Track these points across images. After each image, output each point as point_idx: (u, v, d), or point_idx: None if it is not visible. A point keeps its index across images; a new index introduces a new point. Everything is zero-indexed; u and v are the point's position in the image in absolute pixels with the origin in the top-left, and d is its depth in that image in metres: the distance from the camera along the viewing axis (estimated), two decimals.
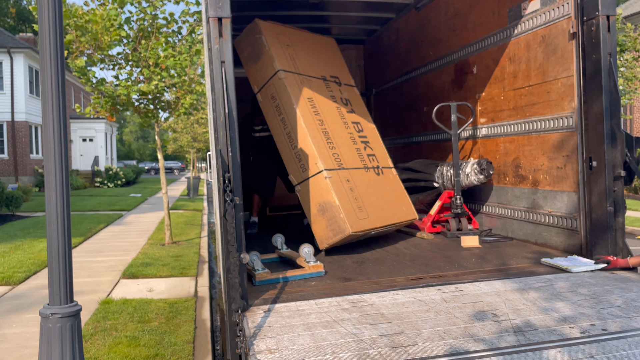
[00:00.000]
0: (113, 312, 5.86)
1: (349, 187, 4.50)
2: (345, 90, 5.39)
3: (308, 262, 3.79)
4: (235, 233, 2.91)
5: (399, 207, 4.98)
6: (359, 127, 5.18)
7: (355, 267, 4.01)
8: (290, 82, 4.69)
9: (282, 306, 3.03)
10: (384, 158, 5.30)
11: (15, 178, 23.40)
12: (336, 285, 3.48)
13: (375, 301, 3.06)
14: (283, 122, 4.72)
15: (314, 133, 4.56)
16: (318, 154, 4.47)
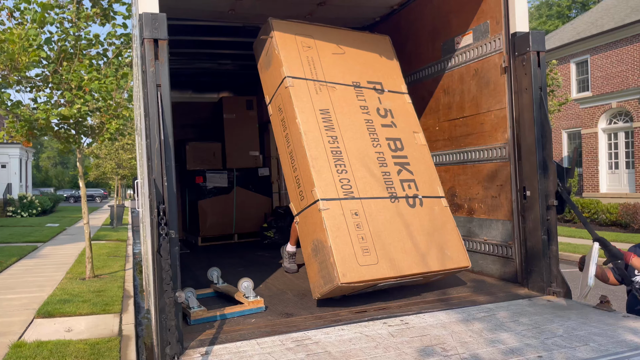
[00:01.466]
0: (25, 357, 5.30)
1: (355, 222, 3.63)
2: (389, 99, 4.41)
3: (247, 297, 3.59)
4: (170, 270, 2.69)
5: (441, 250, 3.84)
6: (396, 144, 4.18)
7: (297, 301, 3.85)
8: (298, 90, 3.99)
9: (221, 348, 2.81)
10: (430, 185, 4.15)
11: None
12: (278, 322, 3.30)
13: (320, 338, 2.91)
14: (287, 139, 4.03)
15: (316, 152, 3.80)
16: (316, 178, 3.69)
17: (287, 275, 4.88)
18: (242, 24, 6.18)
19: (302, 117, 3.88)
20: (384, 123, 4.25)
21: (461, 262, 3.89)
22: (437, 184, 4.21)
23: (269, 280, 4.66)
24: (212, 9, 5.24)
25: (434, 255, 3.78)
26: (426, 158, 4.31)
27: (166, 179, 2.88)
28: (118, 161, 22.37)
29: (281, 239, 6.64)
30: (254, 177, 7.90)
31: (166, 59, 3.01)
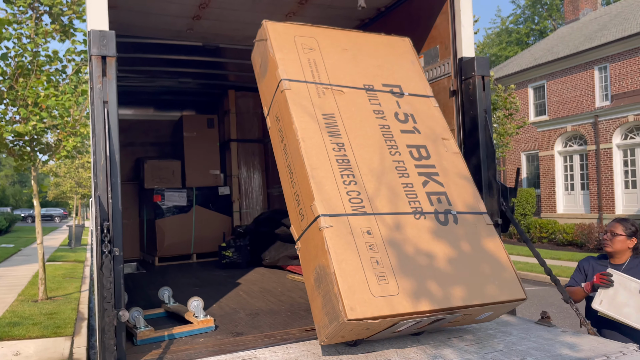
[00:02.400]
0: None
1: (367, 242, 2.88)
2: (410, 103, 3.76)
3: (197, 316, 3.56)
4: (112, 288, 2.64)
5: (485, 278, 3.02)
6: (420, 152, 3.50)
7: (248, 320, 3.83)
8: (296, 93, 3.41)
9: None
10: (467, 199, 3.38)
11: None
12: (227, 341, 3.28)
13: (267, 357, 2.90)
14: (285, 151, 3.41)
15: (316, 161, 3.11)
16: (317, 191, 2.98)
17: (241, 294, 4.85)
18: (202, 43, 6.22)
19: (300, 122, 3.25)
20: (404, 129, 3.56)
21: (514, 294, 3.04)
22: (477, 199, 3.45)
23: (222, 299, 4.62)
24: (169, 27, 5.26)
25: (476, 285, 2.97)
26: (460, 168, 3.55)
27: (111, 196, 2.85)
28: (78, 180, 21.84)
29: (240, 258, 6.61)
30: (214, 196, 7.85)
31: (114, 76, 3.01)
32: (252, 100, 8.61)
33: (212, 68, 7.52)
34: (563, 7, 28.80)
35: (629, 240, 3.48)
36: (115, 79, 3.01)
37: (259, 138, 8.63)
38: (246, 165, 8.46)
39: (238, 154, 8.41)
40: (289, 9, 4.90)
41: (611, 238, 3.51)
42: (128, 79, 7.75)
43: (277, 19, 5.11)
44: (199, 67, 7.36)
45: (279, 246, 6.32)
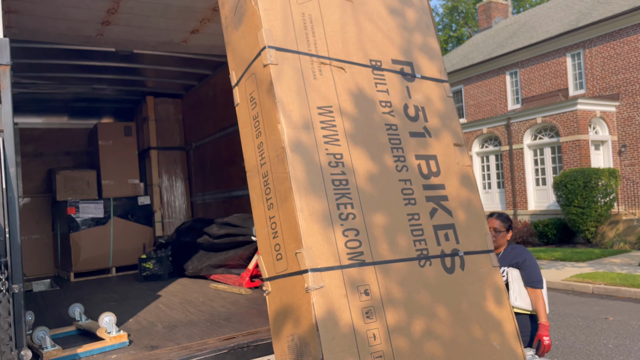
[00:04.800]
0: None
1: (364, 308, 2.29)
2: (422, 90, 2.94)
3: (109, 332, 3.43)
4: (11, 328, 2.48)
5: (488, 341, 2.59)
6: (429, 166, 2.79)
7: (165, 333, 3.74)
8: (284, 72, 2.51)
9: None
10: (474, 232, 2.82)
11: None
12: (141, 356, 3.18)
13: None
14: (260, 151, 2.60)
15: (308, 186, 2.36)
16: (306, 232, 2.27)
17: (160, 307, 4.72)
18: (114, 49, 6.01)
19: (289, 120, 2.44)
20: (414, 130, 2.81)
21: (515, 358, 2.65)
22: (484, 230, 2.85)
23: (140, 313, 4.48)
24: (77, 33, 5.05)
25: (478, 352, 2.54)
26: (470, 187, 2.89)
27: (8, 223, 2.67)
28: None
29: (161, 269, 6.43)
30: (133, 206, 7.58)
31: (9, 85, 2.85)
32: (173, 106, 8.41)
33: (128, 74, 7.29)
34: (477, 15, 30.40)
35: (508, 233, 3.79)
36: (9, 88, 2.85)
37: (180, 145, 8.44)
38: (167, 173, 8.25)
39: (159, 162, 8.19)
40: (202, 16, 4.85)
41: (495, 235, 3.77)
42: (37, 86, 7.35)
43: (192, 25, 5.06)
44: (114, 73, 7.11)
45: (201, 255, 6.21)
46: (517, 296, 3.64)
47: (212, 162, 7.68)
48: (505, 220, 3.82)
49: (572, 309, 8.45)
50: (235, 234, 5.84)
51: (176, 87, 8.21)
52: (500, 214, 3.87)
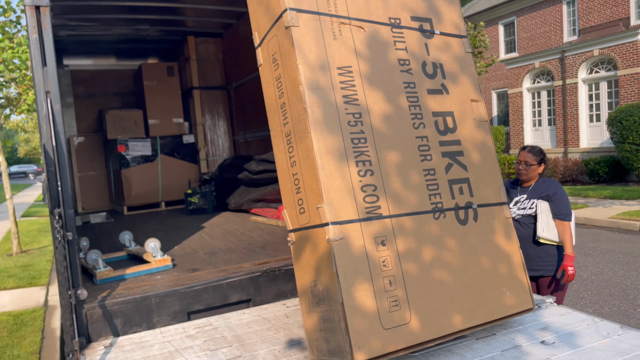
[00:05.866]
0: None
1: (381, 257, 2.44)
2: (439, 47, 2.99)
3: (155, 256, 3.76)
4: (67, 272, 2.78)
5: (499, 289, 2.73)
6: (446, 122, 2.88)
7: (206, 258, 4.06)
8: (305, 34, 2.59)
9: (125, 339, 2.97)
10: (488, 184, 2.91)
11: None
12: (182, 277, 3.50)
13: (221, 324, 3.11)
14: (283, 111, 2.70)
15: (328, 143, 2.48)
16: (326, 188, 2.41)
17: (203, 236, 5.06)
18: None
19: (310, 81, 2.51)
20: (432, 88, 2.86)
21: (523, 304, 2.76)
22: (499, 184, 2.92)
23: (185, 242, 4.83)
24: None
25: (490, 299, 2.65)
26: (486, 142, 2.96)
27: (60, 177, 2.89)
28: None
29: (205, 204, 6.79)
30: (178, 144, 7.92)
31: (49, 25, 3.04)
32: (213, 46, 8.53)
33: (169, 14, 7.40)
34: None
35: (539, 167, 3.79)
36: (50, 28, 3.04)
37: (222, 85, 8.61)
38: (210, 112, 8.49)
39: (201, 102, 8.42)
40: None
41: (526, 168, 3.78)
42: (83, 28, 7.59)
43: None
44: (156, 13, 7.23)
45: (242, 191, 6.50)
46: (545, 227, 3.69)
47: (252, 101, 7.83)
48: (537, 154, 3.81)
49: (614, 246, 8.35)
50: (273, 170, 6.07)
51: (216, 26, 8.27)
52: (533, 147, 3.86)
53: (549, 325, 2.82)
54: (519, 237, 3.71)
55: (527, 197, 3.78)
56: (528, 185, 3.85)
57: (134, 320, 3.10)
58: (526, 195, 3.79)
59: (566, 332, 2.70)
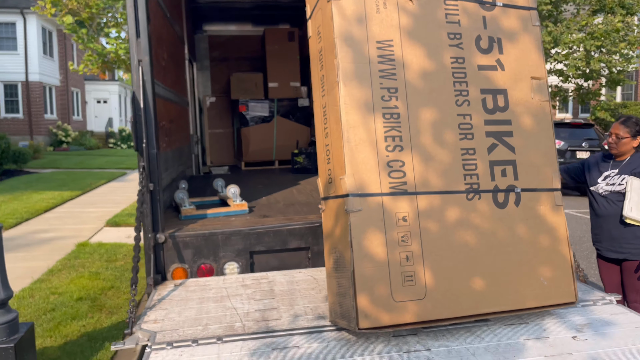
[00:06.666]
0: (86, 253, 6.33)
1: (400, 233, 2.44)
2: (500, 20, 2.81)
3: (234, 201, 4.13)
4: (150, 217, 3.27)
5: (534, 277, 2.58)
6: (496, 101, 2.72)
7: (282, 208, 4.33)
8: (346, 8, 2.56)
9: (193, 281, 3.35)
10: (539, 169, 2.72)
11: (30, 137, 24.17)
12: (252, 220, 3.81)
13: (275, 279, 3.34)
14: (322, 84, 2.74)
15: (357, 117, 2.48)
16: (349, 161, 2.45)
17: (293, 191, 5.35)
18: None
19: (345, 55, 2.51)
20: (484, 64, 2.73)
21: (563, 297, 2.60)
22: (553, 169, 2.73)
23: (274, 194, 5.16)
24: None
25: (522, 287, 2.55)
26: (543, 123, 2.76)
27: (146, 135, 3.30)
28: None
29: (310, 164, 7.10)
30: (294, 107, 8.31)
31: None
32: None
33: None
34: None
35: (634, 140, 3.36)
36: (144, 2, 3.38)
37: None
38: None
39: None
40: None
41: (616, 141, 3.38)
42: None
43: None
44: None
45: None
46: (634, 207, 3.31)
47: None
48: (631, 125, 3.40)
49: None
50: None
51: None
52: (628, 118, 3.44)
53: (593, 321, 2.57)
54: (604, 215, 3.41)
55: (618, 172, 3.41)
56: (622, 159, 3.46)
57: (203, 252, 3.48)
58: (617, 170, 3.42)
59: (607, 332, 2.45)
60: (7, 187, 11.82)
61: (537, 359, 2.20)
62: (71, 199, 10.76)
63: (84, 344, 3.76)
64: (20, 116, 24.59)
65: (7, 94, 24.37)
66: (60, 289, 4.93)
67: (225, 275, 3.50)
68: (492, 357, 2.22)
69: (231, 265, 3.52)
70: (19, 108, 24.62)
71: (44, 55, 25.34)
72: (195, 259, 3.47)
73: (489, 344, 2.35)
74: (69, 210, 9.55)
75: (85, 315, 4.29)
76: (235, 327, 2.60)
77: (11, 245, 6.78)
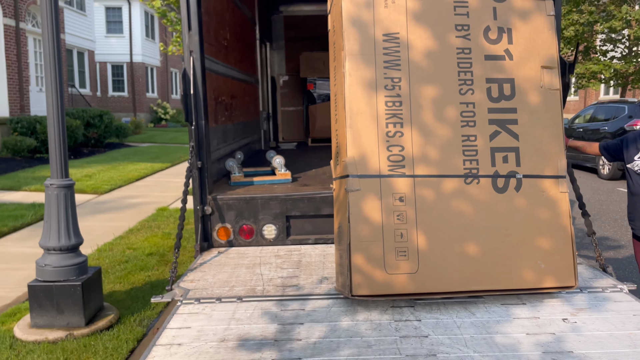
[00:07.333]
0: (163, 217, 7.03)
1: (396, 212, 2.60)
2: (511, 10, 2.84)
3: (279, 170, 4.47)
4: (199, 191, 3.69)
5: (531, 259, 2.64)
6: (502, 89, 2.78)
7: (324, 179, 4.58)
8: (355, 4, 2.75)
9: (234, 250, 3.71)
10: (544, 157, 2.75)
11: (134, 114, 26.30)
12: (291, 188, 4.12)
13: (307, 252, 3.60)
14: (335, 74, 2.95)
15: (360, 105, 2.67)
16: (351, 144, 2.65)
17: None
18: None
19: (351, 47, 2.69)
20: (490, 53, 2.78)
21: (562, 280, 2.64)
22: (559, 156, 2.75)
23: (325, 167, 5.44)
24: None
25: (516, 267, 2.62)
26: (552, 112, 2.78)
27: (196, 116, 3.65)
28: None
29: None
30: None
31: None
32: None
33: None
34: None
35: None
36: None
37: None
38: None
39: None
40: None
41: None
42: None
43: None
44: None
45: None
46: None
47: None
48: None
49: None
50: None
51: None
52: None
53: (591, 307, 2.56)
54: (637, 193, 3.34)
55: None
56: None
57: (244, 214, 3.85)
58: None
59: (600, 317, 2.45)
60: (108, 158, 13.14)
61: (517, 335, 2.27)
62: (161, 170, 11.77)
63: (146, 291, 4.32)
64: (125, 94, 26.78)
65: (114, 74, 26.61)
66: (135, 245, 5.60)
67: (264, 235, 3.85)
68: (475, 330, 2.33)
69: (269, 227, 3.86)
70: (124, 87, 26.82)
71: (146, 38, 27.28)
72: (238, 220, 3.85)
73: (478, 320, 2.44)
74: (157, 180, 10.49)
75: (152, 267, 4.88)
76: (256, 290, 2.90)
77: (103, 207, 7.68)
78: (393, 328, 2.39)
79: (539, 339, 2.24)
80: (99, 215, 7.14)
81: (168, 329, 2.46)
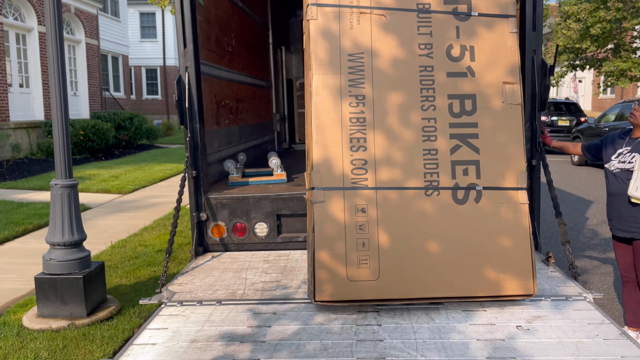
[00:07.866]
0: None
1: (358, 222, 2.75)
2: (474, 29, 2.95)
3: (276, 171, 4.64)
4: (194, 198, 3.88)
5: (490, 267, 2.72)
6: (464, 105, 2.88)
7: None
8: (321, 26, 2.90)
9: (227, 255, 3.86)
10: (504, 169, 2.84)
11: (167, 116, 27.03)
12: (283, 188, 4.27)
13: (295, 257, 3.73)
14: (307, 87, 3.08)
15: (325, 121, 2.82)
16: (316, 158, 2.81)
17: None
18: None
19: (318, 66, 2.86)
20: (453, 71, 2.90)
21: (521, 288, 2.70)
22: (519, 170, 2.83)
23: None
24: None
25: (475, 275, 2.71)
26: (513, 127, 2.86)
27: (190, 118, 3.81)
28: None
29: None
30: None
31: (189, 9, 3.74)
32: None
33: None
34: None
35: None
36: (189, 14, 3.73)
37: None
38: None
39: None
40: None
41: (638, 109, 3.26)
42: None
43: None
44: None
45: None
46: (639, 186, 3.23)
47: None
48: None
49: None
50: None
51: None
52: None
53: (549, 314, 2.60)
54: (614, 193, 3.36)
55: (631, 150, 3.30)
56: (637, 136, 3.35)
57: (237, 213, 4.03)
58: (630, 148, 3.31)
59: (554, 325, 2.49)
60: (136, 159, 13.62)
61: (468, 340, 2.34)
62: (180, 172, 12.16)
63: (150, 285, 4.56)
64: (159, 97, 27.55)
65: (148, 77, 27.42)
66: (147, 242, 5.88)
67: (257, 233, 4.02)
68: (429, 334, 2.42)
69: (261, 225, 4.03)
70: (157, 90, 27.60)
71: None
72: (231, 218, 4.04)
73: (435, 325, 2.52)
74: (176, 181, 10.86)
75: (159, 263, 5.13)
76: (237, 293, 3.05)
77: (124, 207, 8.02)
78: (353, 332, 2.50)
79: (487, 344, 2.31)
80: (120, 214, 7.48)
81: (147, 329, 2.63)
